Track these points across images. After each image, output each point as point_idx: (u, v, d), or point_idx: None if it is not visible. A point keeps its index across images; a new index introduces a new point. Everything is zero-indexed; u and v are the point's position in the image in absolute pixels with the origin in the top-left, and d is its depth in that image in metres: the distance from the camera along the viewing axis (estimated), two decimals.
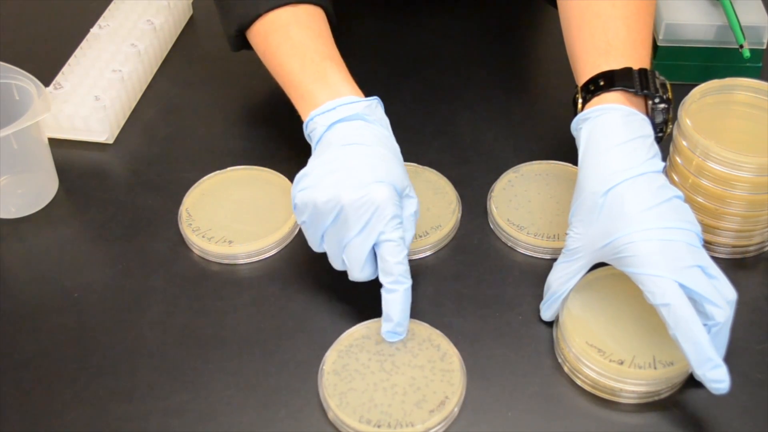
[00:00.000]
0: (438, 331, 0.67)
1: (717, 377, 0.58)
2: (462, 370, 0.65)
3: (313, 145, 0.69)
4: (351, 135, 0.66)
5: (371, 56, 0.95)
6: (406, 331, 0.66)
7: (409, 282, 0.64)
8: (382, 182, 0.64)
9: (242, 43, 0.78)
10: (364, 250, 0.64)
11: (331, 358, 0.65)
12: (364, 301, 0.69)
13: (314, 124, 0.68)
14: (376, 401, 0.63)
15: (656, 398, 0.64)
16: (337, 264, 0.67)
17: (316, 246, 0.67)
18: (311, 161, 0.67)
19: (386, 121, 0.70)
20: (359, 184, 0.63)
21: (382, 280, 0.64)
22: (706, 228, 0.69)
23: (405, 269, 0.64)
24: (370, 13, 1.01)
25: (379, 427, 0.61)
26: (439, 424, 0.62)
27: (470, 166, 0.82)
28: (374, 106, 0.69)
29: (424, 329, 0.67)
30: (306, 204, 0.65)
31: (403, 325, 0.65)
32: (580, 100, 0.68)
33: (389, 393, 0.63)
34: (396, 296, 0.64)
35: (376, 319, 0.67)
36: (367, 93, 0.90)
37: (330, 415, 0.63)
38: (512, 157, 0.82)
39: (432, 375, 0.64)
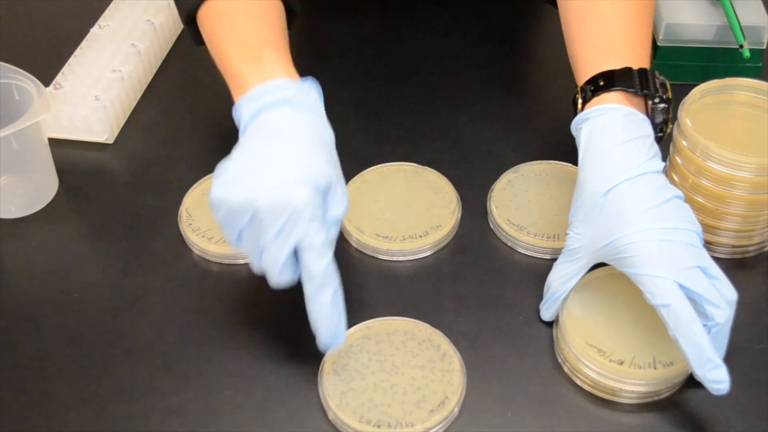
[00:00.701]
0: (438, 331, 0.67)
1: (717, 378, 0.58)
2: (462, 370, 0.65)
3: (240, 134, 0.64)
4: (275, 126, 0.62)
5: (371, 56, 0.95)
6: (343, 338, 0.62)
7: (333, 285, 0.60)
8: (302, 182, 0.59)
9: (200, 35, 0.74)
10: (280, 255, 0.59)
11: (331, 358, 0.65)
12: (364, 301, 0.69)
13: (239, 113, 0.64)
14: (375, 401, 0.63)
15: (656, 398, 0.64)
16: (255, 267, 0.62)
17: (233, 245, 0.63)
18: (231, 155, 0.62)
19: (320, 105, 0.65)
20: (276, 184, 0.59)
21: (304, 287, 0.61)
22: (706, 228, 0.69)
23: (328, 274, 0.60)
24: (369, 13, 1.01)
25: (379, 427, 0.61)
26: (439, 424, 0.62)
27: (470, 166, 0.82)
28: (307, 89, 0.64)
29: (424, 329, 0.67)
30: (221, 203, 0.61)
31: (338, 335, 0.61)
32: (579, 100, 0.68)
33: (389, 393, 0.63)
34: (321, 305, 0.60)
35: (376, 319, 0.67)
36: (368, 93, 0.90)
37: (330, 415, 0.63)
38: (512, 157, 0.82)
39: (432, 375, 0.64)
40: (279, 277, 0.61)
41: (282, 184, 0.59)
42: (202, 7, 0.71)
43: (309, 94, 0.65)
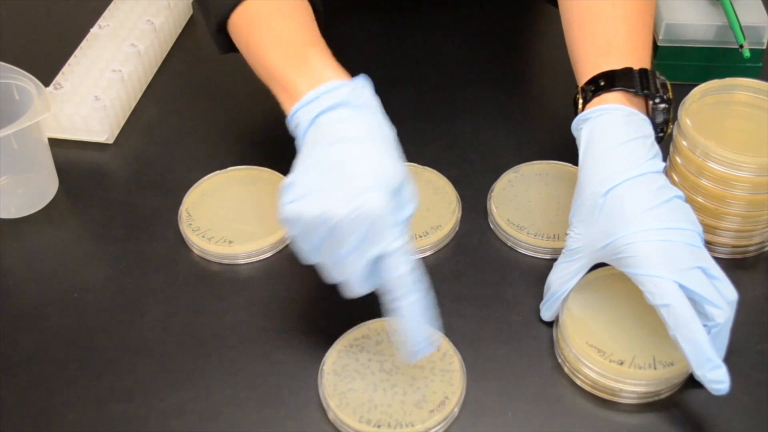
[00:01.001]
0: (439, 332, 0.67)
1: (717, 378, 0.58)
2: (462, 370, 0.65)
3: (298, 142, 0.63)
4: (336, 130, 0.61)
5: (371, 56, 0.95)
6: (439, 342, 0.61)
7: (419, 292, 0.59)
8: (376, 188, 0.58)
9: (228, 43, 0.74)
10: (360, 266, 0.59)
11: (331, 358, 0.65)
12: (364, 301, 0.68)
13: (297, 119, 0.63)
14: (376, 401, 0.63)
15: (656, 398, 0.64)
16: (332, 278, 0.61)
17: (307, 259, 0.61)
18: (297, 166, 0.61)
19: (375, 102, 0.64)
20: (352, 194, 0.57)
21: (388, 295, 0.59)
22: (706, 228, 0.69)
23: (413, 279, 0.59)
24: (369, 13, 1.01)
25: (379, 427, 0.61)
26: (439, 424, 0.62)
27: (470, 166, 0.82)
28: (360, 87, 0.63)
29: None
30: (296, 219, 0.59)
31: (429, 338, 0.60)
32: (580, 101, 0.68)
33: (389, 393, 0.63)
34: (411, 311, 0.59)
35: (376, 319, 0.67)
36: None
37: (330, 415, 0.63)
38: (512, 157, 0.82)
39: (432, 375, 0.64)
40: (360, 288, 0.60)
41: (357, 194, 0.57)
42: (233, 13, 0.70)
43: (363, 91, 0.64)
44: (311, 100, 0.62)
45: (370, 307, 0.67)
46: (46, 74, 0.87)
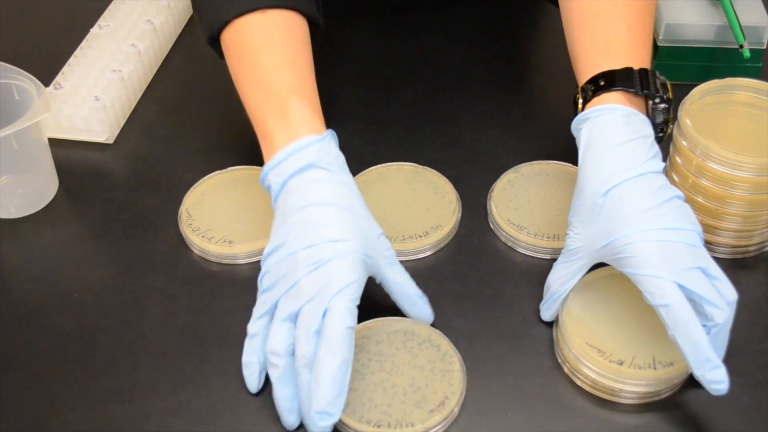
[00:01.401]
0: (438, 331, 0.67)
1: (716, 378, 0.58)
2: (462, 370, 0.65)
3: (273, 204, 0.66)
4: (304, 197, 0.63)
5: (371, 56, 0.95)
6: (339, 412, 0.59)
7: (346, 355, 0.59)
8: (336, 257, 0.61)
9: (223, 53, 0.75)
10: (317, 318, 0.60)
11: None
12: (362, 303, 0.68)
13: (269, 181, 0.66)
14: (376, 401, 0.63)
15: (656, 398, 0.64)
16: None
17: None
18: (272, 234, 0.64)
19: (340, 156, 0.66)
20: (313, 260, 0.61)
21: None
22: (706, 228, 0.69)
23: (345, 340, 0.59)
24: (370, 13, 1.01)
25: (379, 427, 0.61)
26: (439, 424, 0.62)
27: (470, 166, 0.82)
28: (326, 144, 0.65)
29: (424, 329, 0.67)
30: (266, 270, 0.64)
31: (336, 404, 0.59)
32: (580, 100, 0.68)
33: (389, 393, 0.63)
34: (328, 370, 0.59)
35: (376, 319, 0.67)
36: (368, 93, 0.90)
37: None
38: (512, 157, 0.82)
39: (432, 375, 0.64)
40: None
41: (321, 262, 0.61)
42: (226, 30, 0.71)
43: (330, 147, 0.66)
44: (280, 161, 0.65)
45: (369, 307, 0.67)
46: (46, 74, 0.87)
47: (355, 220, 0.63)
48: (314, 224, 0.62)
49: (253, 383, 0.64)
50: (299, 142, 0.65)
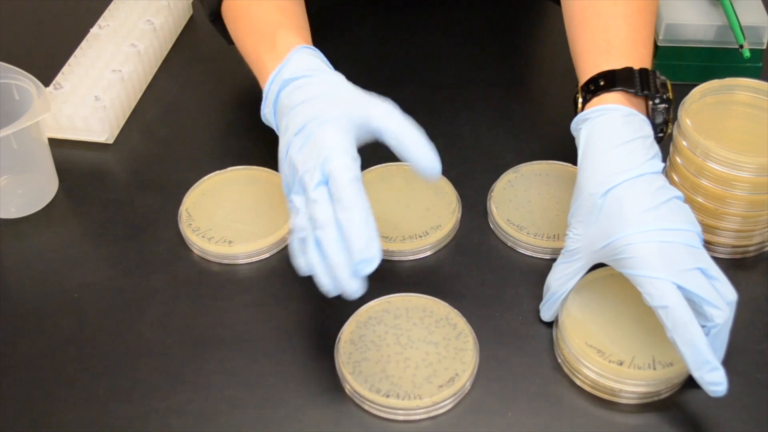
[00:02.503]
0: (456, 311, 0.68)
1: (714, 380, 0.58)
2: (475, 349, 0.66)
3: (276, 130, 0.68)
4: (293, 99, 0.65)
5: (371, 56, 0.95)
6: (378, 253, 0.58)
7: (362, 207, 0.58)
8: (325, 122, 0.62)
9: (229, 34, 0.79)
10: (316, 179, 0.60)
11: (349, 328, 0.67)
12: (363, 301, 0.69)
13: (267, 115, 0.69)
14: (388, 372, 0.64)
15: (656, 399, 0.64)
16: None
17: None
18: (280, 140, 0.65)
19: (319, 63, 0.68)
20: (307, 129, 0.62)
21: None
22: (706, 228, 0.69)
23: (355, 191, 0.59)
24: (370, 13, 1.01)
25: (388, 396, 0.63)
26: (447, 399, 0.63)
27: (470, 166, 0.82)
28: (301, 55, 0.68)
29: (443, 307, 0.69)
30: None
31: (373, 246, 0.58)
32: (580, 100, 0.68)
33: (402, 366, 0.65)
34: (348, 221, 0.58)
35: (397, 294, 0.69)
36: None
37: (347, 388, 0.64)
38: (512, 157, 0.82)
39: (445, 352, 0.65)
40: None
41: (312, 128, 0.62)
42: (223, 4, 0.76)
43: (305, 58, 0.68)
44: (267, 92, 0.68)
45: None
46: (46, 74, 0.87)
47: (336, 93, 0.64)
48: (297, 117, 0.63)
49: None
50: (276, 69, 0.67)
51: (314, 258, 0.59)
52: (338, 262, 0.58)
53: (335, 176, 0.59)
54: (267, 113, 0.69)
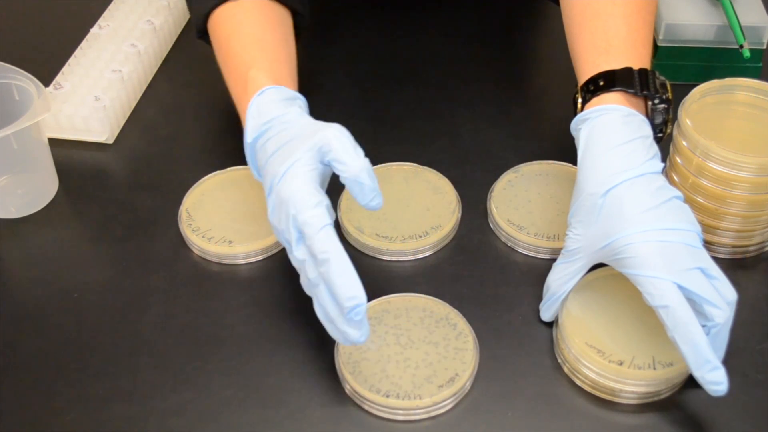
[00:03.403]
0: (456, 311, 0.68)
1: (715, 379, 0.58)
2: (475, 350, 0.66)
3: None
4: (265, 151, 0.65)
5: (371, 56, 0.95)
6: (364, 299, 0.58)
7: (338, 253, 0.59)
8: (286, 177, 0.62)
9: None
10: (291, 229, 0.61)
11: None
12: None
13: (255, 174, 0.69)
14: (388, 372, 0.64)
15: (656, 399, 0.64)
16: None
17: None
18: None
19: (264, 105, 0.67)
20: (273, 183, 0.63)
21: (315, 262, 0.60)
22: (706, 228, 0.69)
23: (328, 240, 0.59)
24: (370, 13, 1.01)
25: (388, 396, 0.63)
26: (447, 399, 0.63)
27: (470, 166, 0.82)
28: (254, 110, 0.67)
29: (443, 308, 0.69)
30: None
31: (356, 290, 0.58)
32: (579, 100, 0.68)
33: (402, 366, 0.65)
34: (332, 270, 0.58)
35: (397, 294, 0.69)
36: (368, 94, 0.90)
37: (347, 388, 0.64)
38: (512, 157, 0.82)
39: (445, 352, 0.65)
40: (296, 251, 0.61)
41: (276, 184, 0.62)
42: (208, 24, 0.76)
43: (263, 104, 0.67)
44: (246, 138, 0.68)
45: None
46: (46, 74, 0.87)
47: (290, 133, 0.64)
48: (267, 177, 0.64)
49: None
50: (245, 123, 0.67)
51: (319, 314, 0.62)
52: (335, 316, 0.60)
53: (305, 232, 0.60)
54: (257, 175, 0.69)
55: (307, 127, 0.65)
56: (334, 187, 0.66)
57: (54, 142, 0.83)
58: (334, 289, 0.58)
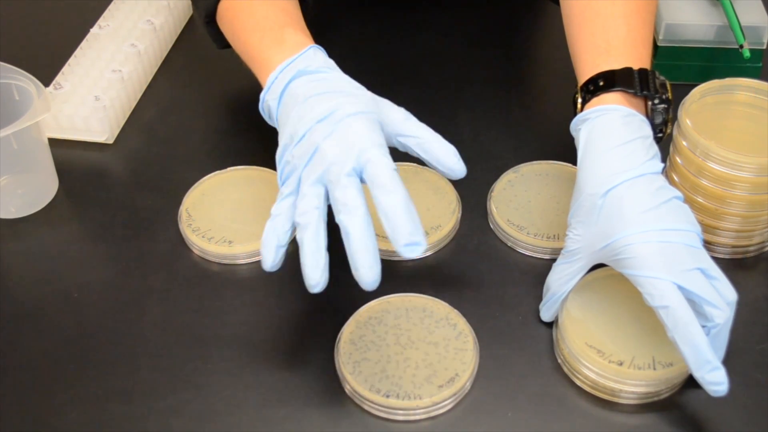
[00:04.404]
0: (456, 311, 0.68)
1: (715, 379, 0.58)
2: (475, 350, 0.66)
3: (275, 120, 0.68)
4: (304, 92, 0.65)
5: (371, 56, 0.95)
6: (424, 238, 0.59)
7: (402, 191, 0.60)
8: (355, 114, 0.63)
9: (222, 37, 0.78)
10: (347, 169, 0.61)
11: (349, 328, 0.67)
12: (362, 302, 0.69)
13: (267, 103, 0.68)
14: (388, 372, 0.64)
15: (656, 399, 0.64)
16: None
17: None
18: (281, 135, 0.65)
19: (329, 61, 0.69)
20: (333, 121, 0.62)
21: (372, 195, 0.60)
22: (706, 228, 0.69)
23: (394, 180, 0.60)
24: (370, 13, 1.01)
25: (387, 396, 0.63)
26: (447, 399, 0.63)
27: (470, 166, 0.81)
28: (312, 54, 0.67)
29: (443, 308, 0.69)
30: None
31: (418, 232, 0.59)
32: (579, 100, 0.68)
33: (402, 366, 0.65)
34: (393, 207, 0.59)
35: (397, 294, 0.69)
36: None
37: (347, 388, 0.64)
38: (512, 157, 0.82)
39: (445, 352, 0.65)
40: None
41: (338, 120, 0.62)
42: (220, 5, 0.75)
43: (316, 56, 0.67)
44: (273, 81, 0.66)
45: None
46: (46, 74, 0.87)
47: (356, 92, 0.65)
48: (317, 106, 0.63)
49: (269, 257, 0.62)
50: (287, 60, 0.67)
51: (315, 247, 0.59)
52: (368, 247, 0.59)
53: (376, 163, 0.60)
54: (270, 100, 0.67)
55: (372, 95, 0.66)
56: None
57: (54, 142, 0.83)
58: (399, 219, 0.58)
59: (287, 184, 0.64)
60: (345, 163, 0.60)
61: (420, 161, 0.81)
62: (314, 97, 0.64)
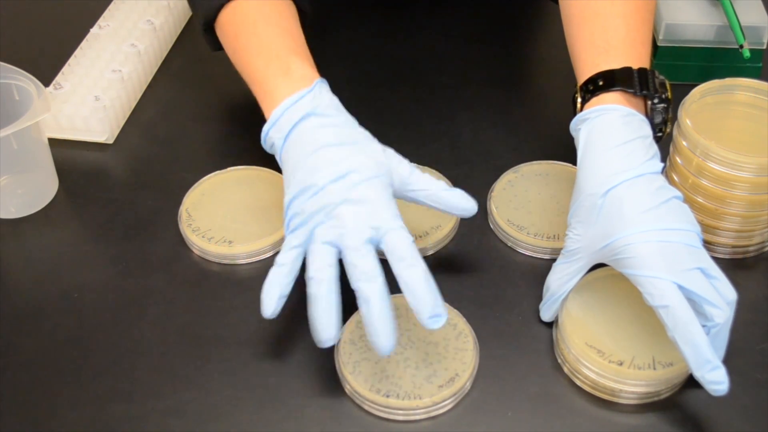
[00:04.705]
0: (456, 311, 0.68)
1: (716, 379, 0.58)
2: (475, 350, 0.66)
3: (277, 157, 0.68)
4: (312, 140, 0.65)
5: (371, 56, 0.95)
6: (445, 310, 0.60)
7: (421, 263, 0.61)
8: (368, 180, 0.64)
9: (218, 42, 0.77)
10: (364, 237, 0.62)
11: (349, 328, 0.67)
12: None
13: (271, 139, 0.68)
14: (388, 372, 0.64)
15: (656, 399, 0.64)
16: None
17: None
18: (289, 183, 0.66)
19: (335, 100, 0.69)
20: (347, 187, 0.63)
21: (393, 267, 0.62)
22: (706, 228, 0.69)
23: (414, 252, 0.62)
24: (370, 13, 1.01)
25: (388, 396, 0.63)
26: (446, 399, 0.63)
27: (470, 166, 0.82)
28: (318, 92, 0.68)
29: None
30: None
31: (439, 304, 0.60)
32: (579, 100, 0.68)
33: (401, 366, 0.65)
34: (417, 280, 0.60)
35: (396, 295, 0.68)
36: (368, 94, 0.90)
37: (347, 388, 0.64)
38: (512, 157, 0.82)
39: (445, 352, 0.65)
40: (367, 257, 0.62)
41: (353, 186, 0.63)
42: (221, 14, 0.74)
43: (322, 94, 0.68)
44: (279, 117, 0.67)
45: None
46: (46, 74, 0.87)
47: (364, 151, 0.65)
48: (333, 161, 0.64)
49: (270, 306, 0.63)
50: (295, 95, 0.67)
51: (326, 307, 0.61)
52: (388, 316, 0.60)
53: (396, 236, 0.62)
54: (276, 138, 0.67)
55: (376, 143, 0.67)
56: None
57: (54, 142, 0.83)
58: (421, 291, 0.60)
59: (295, 235, 0.64)
60: (363, 231, 0.62)
61: (421, 161, 0.81)
62: (327, 149, 0.65)
